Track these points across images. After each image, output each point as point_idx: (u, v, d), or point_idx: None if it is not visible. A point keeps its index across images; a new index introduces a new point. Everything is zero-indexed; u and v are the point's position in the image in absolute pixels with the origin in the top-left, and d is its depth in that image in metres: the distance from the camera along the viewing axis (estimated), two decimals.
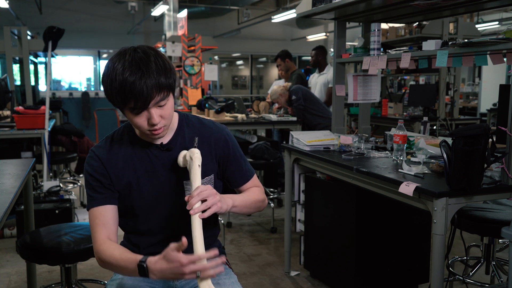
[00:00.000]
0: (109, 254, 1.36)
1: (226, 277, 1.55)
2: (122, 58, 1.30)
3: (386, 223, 2.63)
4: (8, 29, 5.37)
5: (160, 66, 1.30)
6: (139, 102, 1.28)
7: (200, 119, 1.56)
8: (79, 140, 5.19)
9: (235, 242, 3.81)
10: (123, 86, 1.27)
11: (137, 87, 1.26)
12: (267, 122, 4.66)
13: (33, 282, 2.65)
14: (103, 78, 1.32)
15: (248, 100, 11.05)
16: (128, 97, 1.28)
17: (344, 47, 3.10)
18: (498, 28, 9.41)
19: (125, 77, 1.26)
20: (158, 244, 1.50)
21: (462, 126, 3.31)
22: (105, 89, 1.33)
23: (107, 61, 1.33)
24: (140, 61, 1.28)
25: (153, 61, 1.29)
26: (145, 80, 1.26)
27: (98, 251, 1.39)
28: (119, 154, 1.45)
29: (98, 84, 11.75)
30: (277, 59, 5.64)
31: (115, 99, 1.31)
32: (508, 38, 1.87)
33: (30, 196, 2.61)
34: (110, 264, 1.37)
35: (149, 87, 1.27)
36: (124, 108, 1.32)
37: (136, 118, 1.33)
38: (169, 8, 8.08)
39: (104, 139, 1.49)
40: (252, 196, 1.54)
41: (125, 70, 1.27)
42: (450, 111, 5.74)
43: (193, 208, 1.28)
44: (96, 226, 1.41)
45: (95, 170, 1.43)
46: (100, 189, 1.43)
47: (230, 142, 1.55)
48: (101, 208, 1.42)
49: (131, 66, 1.27)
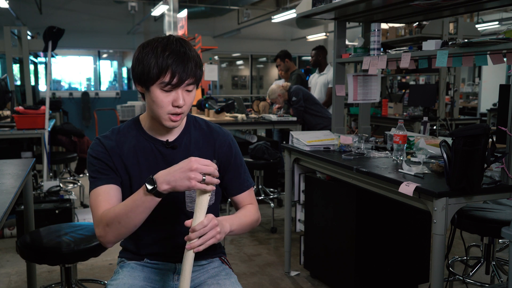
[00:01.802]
0: (112, 211, 1.32)
1: (226, 277, 1.55)
2: (164, 41, 1.35)
3: (386, 223, 2.63)
4: (8, 29, 5.37)
5: (196, 57, 1.37)
6: (176, 78, 1.32)
7: (207, 122, 1.57)
8: (79, 140, 5.19)
9: (235, 242, 3.81)
10: (164, 60, 1.31)
11: (178, 64, 1.31)
12: (267, 122, 4.66)
13: (33, 282, 2.65)
14: (138, 55, 1.35)
15: (248, 100, 11.05)
16: (166, 70, 1.31)
17: (344, 47, 3.10)
18: (498, 28, 9.40)
19: (167, 54, 1.31)
20: (157, 242, 1.50)
21: (462, 126, 3.31)
22: (138, 62, 1.35)
23: (143, 43, 1.38)
24: (180, 46, 1.34)
25: (192, 50, 1.37)
26: (186, 62, 1.33)
27: (101, 218, 1.33)
28: (124, 146, 1.45)
29: (98, 84, 11.76)
30: (277, 59, 5.64)
31: (151, 71, 1.32)
32: (508, 38, 1.87)
33: (30, 196, 2.61)
34: (116, 219, 1.30)
35: (188, 68, 1.33)
36: (155, 83, 1.33)
37: (163, 96, 1.35)
38: (169, 8, 8.07)
39: (110, 130, 1.50)
40: (249, 218, 1.51)
41: (167, 50, 1.32)
42: (450, 111, 5.75)
43: (190, 243, 1.26)
44: (99, 203, 1.36)
45: (100, 155, 1.42)
46: (105, 170, 1.41)
47: (234, 148, 1.55)
48: (105, 187, 1.39)
49: (173, 48, 1.33)
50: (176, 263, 1.53)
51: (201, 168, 1.24)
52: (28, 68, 5.62)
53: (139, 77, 1.36)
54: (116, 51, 12.16)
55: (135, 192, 1.31)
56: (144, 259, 1.53)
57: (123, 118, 8.02)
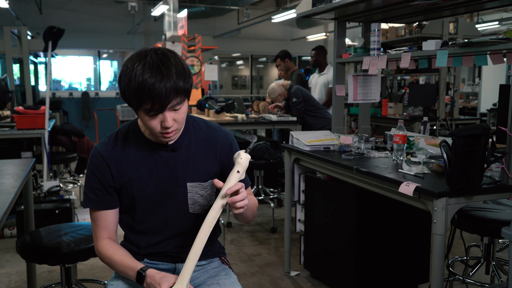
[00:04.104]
0: (108, 256, 1.44)
1: (226, 277, 1.55)
2: (143, 59, 1.29)
3: (386, 223, 2.63)
4: (8, 29, 5.37)
5: (180, 70, 1.29)
6: (156, 104, 1.28)
7: (206, 122, 1.56)
8: (79, 140, 5.19)
9: (235, 242, 3.81)
10: (142, 87, 1.26)
11: (156, 89, 1.25)
12: (267, 122, 4.67)
13: (33, 282, 2.65)
14: (121, 77, 1.31)
15: (248, 100, 11.05)
16: (146, 98, 1.27)
17: (344, 47, 3.10)
18: (498, 28, 9.41)
19: (145, 78, 1.25)
20: (158, 244, 1.50)
21: (462, 126, 3.31)
22: (122, 88, 1.32)
23: (126, 61, 1.32)
24: (161, 64, 1.27)
25: (173, 64, 1.29)
26: (165, 83, 1.26)
27: (100, 251, 1.47)
28: (123, 151, 1.45)
29: (98, 84, 11.76)
30: (277, 59, 5.64)
31: (131, 99, 1.30)
32: (508, 38, 1.87)
33: (30, 196, 2.61)
34: (108, 264, 1.47)
35: (168, 90, 1.26)
36: (139, 109, 1.32)
37: (150, 120, 1.33)
38: (169, 8, 8.08)
39: (108, 136, 1.49)
40: (253, 203, 1.55)
41: (145, 71, 1.26)
42: (450, 111, 5.75)
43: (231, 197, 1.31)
44: (97, 228, 1.48)
45: (96, 168, 1.43)
46: (99, 191, 1.44)
47: (234, 148, 1.55)
48: (102, 213, 1.46)
49: (152, 67, 1.26)
50: (176, 263, 1.53)
51: None
52: (28, 68, 5.61)
53: (124, 100, 1.35)
54: (116, 51, 12.16)
55: (131, 266, 1.40)
56: (144, 259, 1.53)
57: (123, 118, 8.04)
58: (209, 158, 1.49)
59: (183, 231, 1.50)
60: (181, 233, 1.50)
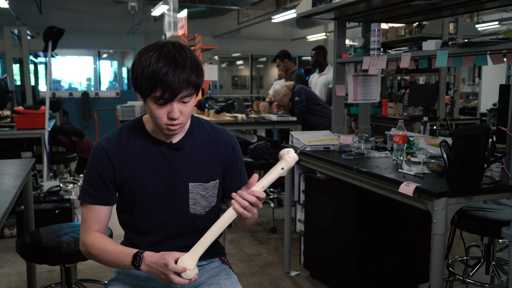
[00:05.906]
0: (100, 246, 1.41)
1: (226, 277, 1.55)
2: (159, 49, 1.31)
3: (386, 223, 2.63)
4: (8, 29, 5.37)
5: (194, 64, 1.33)
6: (167, 93, 1.29)
7: (211, 124, 1.57)
8: (79, 140, 5.19)
9: (235, 242, 3.81)
10: (155, 74, 1.28)
11: (169, 78, 1.28)
12: (267, 122, 4.66)
13: (33, 282, 2.65)
14: (134, 64, 1.33)
15: (248, 100, 11.05)
16: (158, 85, 1.29)
17: (344, 47, 3.10)
18: (498, 28, 9.41)
19: (159, 66, 1.28)
20: (158, 245, 1.50)
21: (462, 126, 3.31)
22: (134, 74, 1.33)
23: (141, 50, 1.35)
24: (177, 54, 1.30)
25: (188, 57, 1.32)
26: (178, 73, 1.28)
27: (90, 242, 1.43)
28: (126, 148, 1.44)
29: (98, 84, 11.76)
30: (276, 59, 5.64)
31: (143, 86, 1.31)
32: (508, 38, 1.87)
33: (30, 196, 2.61)
34: (98, 256, 1.43)
35: (181, 80, 1.29)
36: (149, 96, 1.32)
37: (157, 109, 1.33)
38: (169, 8, 8.08)
39: (112, 131, 1.49)
40: None
41: (160, 60, 1.29)
42: (450, 111, 5.75)
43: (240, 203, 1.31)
44: (89, 221, 1.45)
45: (98, 163, 1.43)
46: (98, 186, 1.43)
47: (237, 151, 1.56)
48: (97, 207, 1.45)
49: (167, 57, 1.29)
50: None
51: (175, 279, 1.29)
52: (28, 68, 5.61)
53: (134, 87, 1.36)
54: (116, 51, 12.17)
55: (125, 252, 1.38)
56: None
57: (123, 118, 8.03)
58: (212, 159, 1.49)
59: (183, 232, 1.50)
60: (181, 234, 1.50)
